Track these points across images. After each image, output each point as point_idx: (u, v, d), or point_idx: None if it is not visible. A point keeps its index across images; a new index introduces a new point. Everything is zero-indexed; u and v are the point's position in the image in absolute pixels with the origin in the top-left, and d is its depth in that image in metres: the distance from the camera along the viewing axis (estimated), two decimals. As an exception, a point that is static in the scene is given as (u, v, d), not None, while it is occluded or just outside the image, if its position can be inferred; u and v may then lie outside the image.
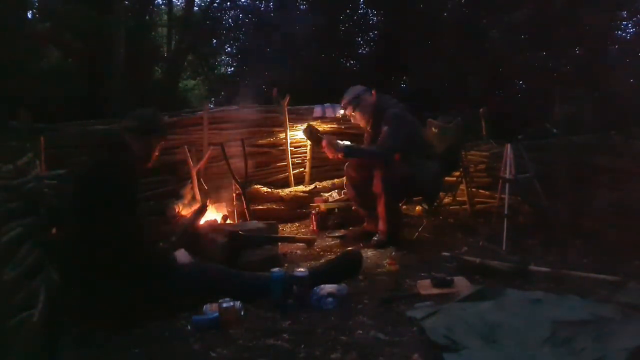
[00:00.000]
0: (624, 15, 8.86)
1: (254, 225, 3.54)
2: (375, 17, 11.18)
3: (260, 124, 4.99)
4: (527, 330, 1.82)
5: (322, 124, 5.25)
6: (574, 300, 2.11)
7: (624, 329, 1.77)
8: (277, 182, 5.00)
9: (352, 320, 2.13)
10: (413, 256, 3.20)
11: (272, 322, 2.15)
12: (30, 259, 2.04)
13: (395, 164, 3.43)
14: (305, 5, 11.39)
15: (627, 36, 9.27)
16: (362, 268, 2.79)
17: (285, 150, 5.05)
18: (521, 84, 9.64)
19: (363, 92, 3.65)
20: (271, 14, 11.40)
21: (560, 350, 1.70)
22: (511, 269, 2.67)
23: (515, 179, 3.43)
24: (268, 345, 1.92)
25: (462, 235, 3.73)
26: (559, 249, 3.14)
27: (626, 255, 2.87)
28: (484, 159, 4.37)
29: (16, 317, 1.68)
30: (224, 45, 12.71)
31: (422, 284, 2.56)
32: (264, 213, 4.37)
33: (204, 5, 12.09)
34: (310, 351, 1.85)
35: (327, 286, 2.36)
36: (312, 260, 3.28)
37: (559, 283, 2.47)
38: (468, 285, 2.47)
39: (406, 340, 1.90)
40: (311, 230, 4.17)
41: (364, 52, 11.23)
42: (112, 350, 1.95)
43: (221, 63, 13.28)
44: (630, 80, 8.29)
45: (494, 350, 1.73)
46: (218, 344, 1.94)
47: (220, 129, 4.70)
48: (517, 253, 3.07)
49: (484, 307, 2.06)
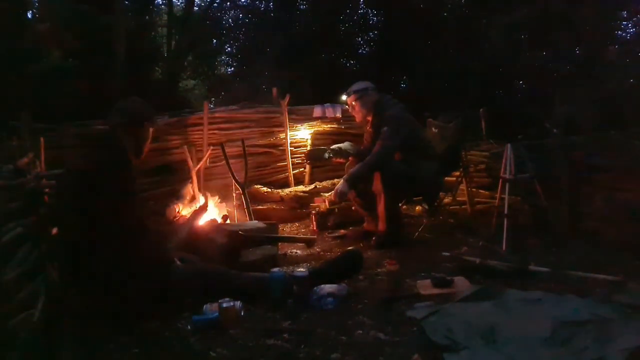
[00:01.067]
0: (624, 15, 8.86)
1: (254, 225, 3.54)
2: (375, 17, 11.19)
3: (260, 124, 4.99)
4: (527, 330, 1.82)
5: (322, 124, 5.26)
6: (574, 300, 2.11)
7: (624, 329, 1.77)
8: (277, 182, 5.01)
9: (352, 320, 2.14)
10: (413, 256, 3.20)
11: (272, 322, 2.15)
12: (30, 259, 2.04)
13: (394, 164, 3.44)
14: (305, 5, 11.40)
15: (627, 36, 9.29)
16: (362, 268, 2.79)
17: (285, 150, 5.06)
18: (521, 84, 9.65)
19: (370, 88, 3.69)
20: (271, 14, 11.41)
21: (560, 350, 1.70)
22: (511, 269, 2.68)
23: (515, 179, 3.43)
24: (268, 345, 1.92)
25: (462, 235, 3.73)
26: (559, 249, 3.14)
27: (626, 255, 2.87)
28: (484, 159, 4.37)
29: (16, 317, 1.68)
30: (224, 45, 12.72)
31: (422, 284, 2.56)
32: (264, 213, 4.37)
33: (204, 5, 12.10)
34: (310, 351, 1.85)
35: (327, 286, 2.36)
36: (312, 260, 3.28)
37: (559, 283, 2.47)
38: (468, 285, 2.47)
39: (406, 340, 1.90)
40: (311, 230, 4.17)
41: (364, 52, 11.24)
42: (112, 350, 1.95)
43: (221, 63, 13.30)
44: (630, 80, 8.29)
45: (494, 350, 1.73)
46: (218, 344, 1.94)
47: (220, 129, 4.71)
48: (517, 253, 3.07)
49: (484, 307, 2.07)
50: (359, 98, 3.66)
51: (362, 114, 3.70)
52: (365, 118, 3.72)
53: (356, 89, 3.69)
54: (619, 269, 2.62)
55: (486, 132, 4.50)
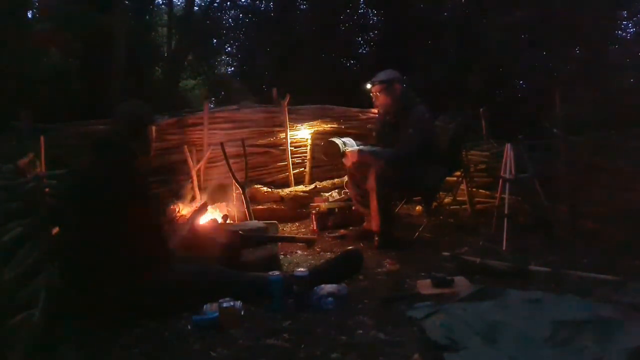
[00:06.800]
0: (624, 15, 8.87)
1: (254, 225, 3.54)
2: (375, 17, 11.18)
3: (260, 124, 5.00)
4: (527, 330, 1.82)
5: (323, 124, 5.26)
6: (574, 300, 2.11)
7: (624, 329, 1.76)
8: (277, 182, 5.01)
9: (352, 320, 2.13)
10: (413, 256, 3.20)
11: (272, 322, 2.15)
12: (30, 259, 2.04)
13: (391, 164, 3.41)
14: (305, 5, 11.40)
15: (627, 36, 9.29)
16: (362, 267, 2.78)
17: (286, 150, 5.06)
18: (521, 84, 9.65)
19: (397, 79, 3.59)
20: (271, 14, 11.41)
21: (560, 350, 1.70)
22: (511, 269, 2.67)
23: (515, 179, 3.43)
24: (268, 345, 1.92)
25: (462, 235, 3.72)
26: (559, 249, 3.14)
27: (626, 255, 2.87)
28: (484, 159, 4.37)
29: (16, 317, 1.68)
30: (224, 45, 12.73)
31: (422, 284, 2.56)
32: (264, 213, 4.37)
33: (204, 5, 12.10)
34: (310, 351, 1.85)
35: (327, 286, 2.35)
36: (312, 260, 3.28)
37: (559, 283, 2.47)
38: (468, 285, 2.47)
39: (406, 340, 1.90)
40: (311, 230, 4.17)
41: (364, 52, 11.23)
42: (112, 350, 1.95)
43: (221, 63, 13.30)
44: (631, 80, 8.30)
45: (494, 350, 1.73)
46: (218, 344, 1.94)
47: (220, 129, 4.71)
48: (517, 253, 3.07)
49: (484, 307, 2.06)
50: (385, 89, 3.55)
51: (387, 104, 3.59)
52: (387, 109, 3.63)
53: (383, 79, 3.56)
54: (619, 269, 2.62)
55: (486, 132, 4.51)
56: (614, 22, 8.74)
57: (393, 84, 3.56)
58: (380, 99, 3.59)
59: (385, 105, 3.60)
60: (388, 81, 3.56)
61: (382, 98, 3.58)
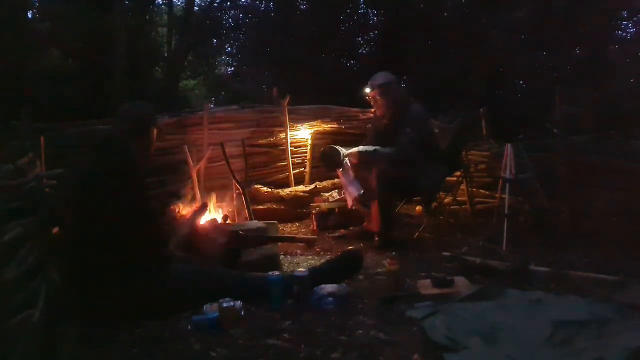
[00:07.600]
0: (624, 15, 8.87)
1: (254, 225, 3.54)
2: (375, 17, 11.19)
3: (260, 124, 4.99)
4: (527, 330, 1.82)
5: (322, 124, 5.26)
6: (574, 300, 2.11)
7: (624, 329, 1.77)
8: (277, 182, 5.01)
9: (352, 320, 2.13)
10: (413, 256, 3.20)
11: (272, 322, 2.15)
12: (30, 259, 2.04)
13: (391, 165, 3.41)
14: (305, 5, 11.40)
15: (627, 36, 9.30)
16: (362, 267, 2.78)
17: (286, 150, 5.05)
18: (521, 84, 9.65)
19: (394, 81, 3.61)
20: (271, 14, 11.41)
21: (560, 350, 1.70)
22: (511, 269, 2.67)
23: (515, 179, 3.43)
24: (268, 345, 1.92)
25: (462, 235, 3.73)
26: (559, 249, 3.14)
27: (626, 255, 2.87)
28: (484, 159, 4.37)
29: (16, 317, 1.68)
30: (224, 45, 12.73)
31: (422, 284, 2.56)
32: (264, 213, 4.37)
33: (204, 5, 12.10)
34: (310, 351, 1.85)
35: (327, 286, 2.35)
36: (312, 260, 3.28)
37: (559, 283, 2.47)
38: (468, 285, 2.47)
39: (406, 340, 1.90)
40: (311, 230, 4.17)
41: (364, 52, 11.23)
42: (112, 350, 1.95)
43: (221, 63, 13.30)
44: (630, 80, 8.30)
45: (494, 350, 1.73)
46: (218, 344, 1.93)
47: (220, 129, 4.71)
48: (517, 253, 3.07)
49: (484, 307, 2.06)
50: (383, 93, 3.56)
51: (386, 107, 3.60)
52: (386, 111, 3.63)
53: (381, 82, 3.57)
54: (619, 269, 2.62)
55: (486, 132, 4.51)
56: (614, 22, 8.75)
57: (391, 87, 3.58)
58: (379, 102, 3.61)
59: (385, 108, 3.62)
60: (386, 84, 3.57)
61: (381, 101, 3.60)
